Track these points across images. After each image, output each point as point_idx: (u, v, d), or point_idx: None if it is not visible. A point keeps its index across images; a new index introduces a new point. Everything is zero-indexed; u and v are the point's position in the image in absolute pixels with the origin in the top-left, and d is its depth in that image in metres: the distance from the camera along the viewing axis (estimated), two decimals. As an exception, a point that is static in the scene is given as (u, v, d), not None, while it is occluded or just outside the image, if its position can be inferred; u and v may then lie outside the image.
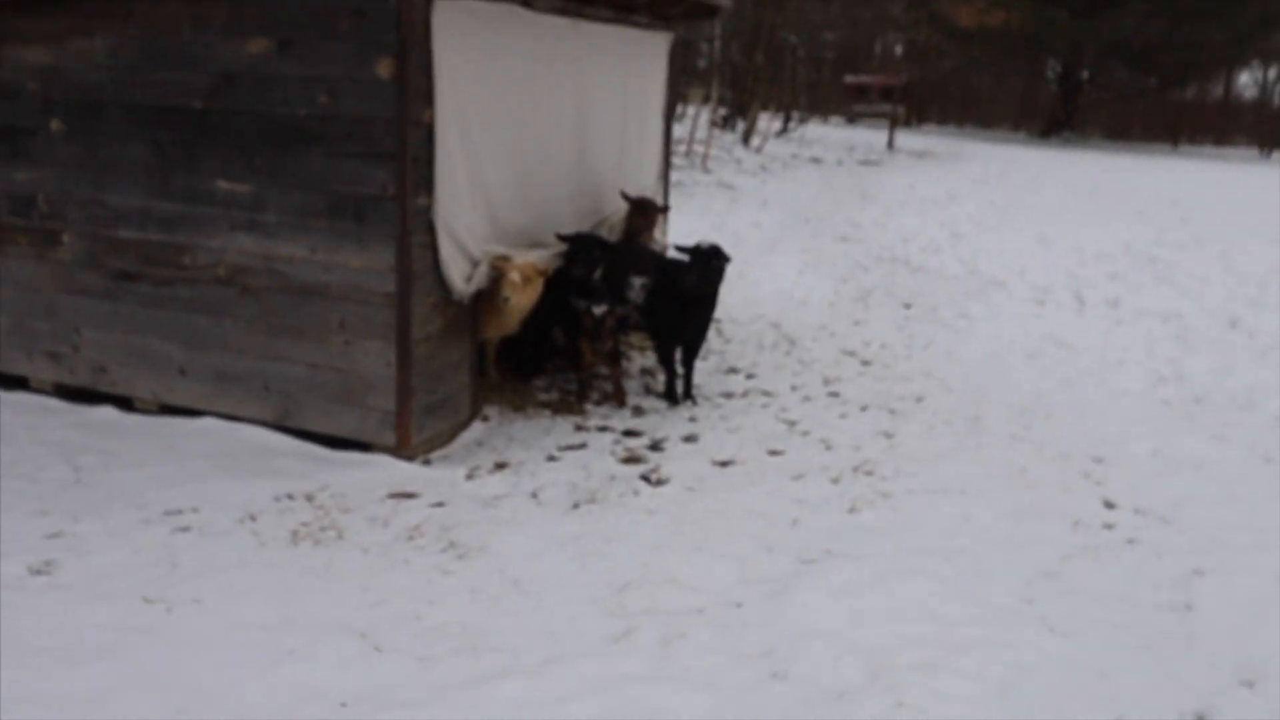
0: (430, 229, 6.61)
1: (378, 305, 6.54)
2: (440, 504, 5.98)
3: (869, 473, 6.81)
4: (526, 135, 7.54)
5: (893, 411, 8.24)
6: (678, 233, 17.97)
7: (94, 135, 7.02)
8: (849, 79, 52.26)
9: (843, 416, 8.07)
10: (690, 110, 36.93)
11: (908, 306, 12.50)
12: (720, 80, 34.95)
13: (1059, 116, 46.71)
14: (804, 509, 6.09)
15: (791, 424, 7.83)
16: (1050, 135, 46.20)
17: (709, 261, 7.64)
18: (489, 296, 7.28)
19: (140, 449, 6.51)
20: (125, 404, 7.29)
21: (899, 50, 58.95)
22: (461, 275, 6.93)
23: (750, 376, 9.07)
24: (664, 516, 5.89)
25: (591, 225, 8.69)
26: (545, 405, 7.83)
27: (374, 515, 5.74)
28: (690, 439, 7.41)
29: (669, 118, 10.03)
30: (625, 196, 8.75)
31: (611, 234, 8.88)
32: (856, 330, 11.07)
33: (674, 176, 24.99)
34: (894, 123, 38.63)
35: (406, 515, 5.77)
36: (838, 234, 18.13)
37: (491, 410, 7.58)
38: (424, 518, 5.75)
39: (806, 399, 8.48)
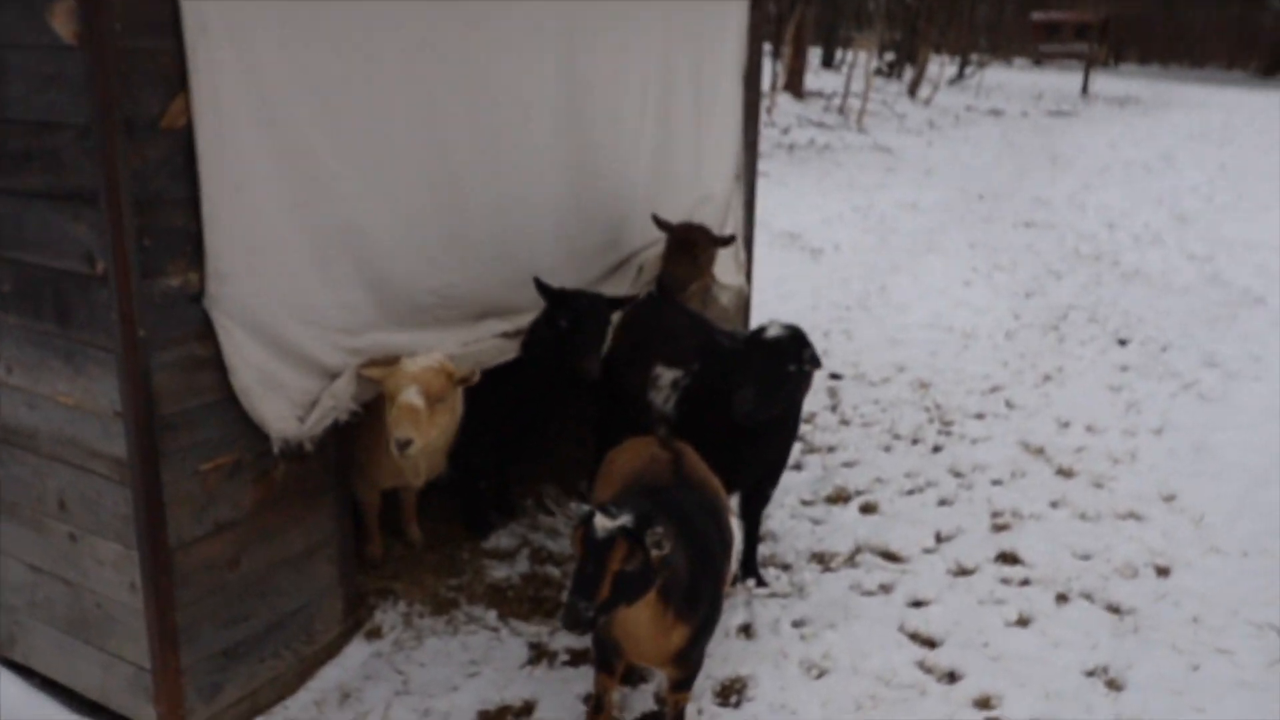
0: (208, 328, 3.42)
1: (103, 477, 3.42)
2: None
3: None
4: (454, 133, 4.25)
5: (1118, 611, 4.61)
6: (810, 219, 14.26)
7: None
8: (1036, 16, 46.38)
9: (1024, 624, 4.49)
10: (847, 57, 32.56)
11: (1123, 344, 8.58)
12: (885, 22, 30.46)
13: (1287, 51, 39.69)
14: None
15: (927, 647, 4.33)
16: (1274, 74, 39.36)
17: (778, 364, 4.18)
18: (373, 427, 4.09)
19: None
20: None
21: (1095, -20, 52.16)
22: (291, 406, 3.73)
23: (867, 511, 5.55)
24: None
25: (602, 274, 5.33)
26: (492, 595, 4.56)
27: None
28: (733, 692, 4.02)
29: (752, 83, 6.47)
30: (659, 223, 5.34)
31: (642, 283, 5.49)
32: (1046, 396, 7.31)
33: (821, 138, 21.05)
34: (1089, 64, 33.18)
35: None
36: (1020, 217, 14.02)
37: (394, 612, 4.37)
38: None
39: (959, 572, 4.92)
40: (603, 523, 2.97)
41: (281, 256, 3.61)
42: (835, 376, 7.64)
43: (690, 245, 5.27)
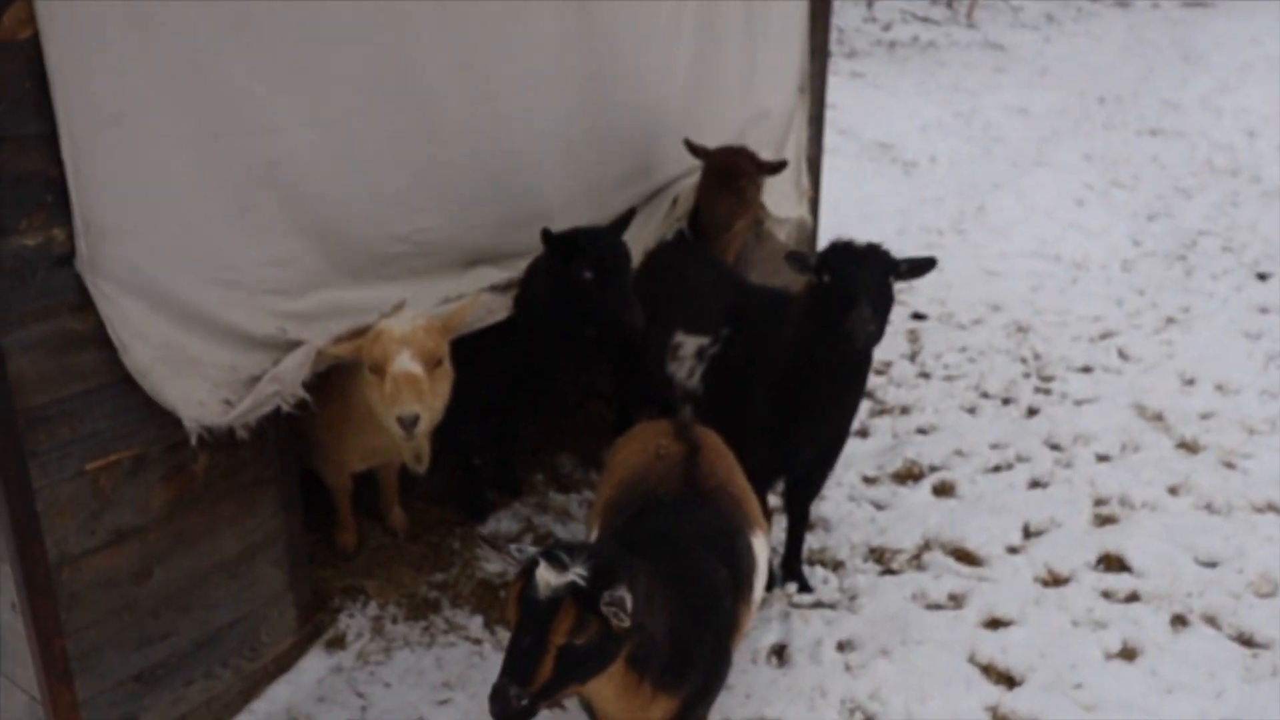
0: (85, 297, 2.73)
1: (-33, 480, 2.78)
2: None
3: None
4: (425, 39, 3.43)
5: (1251, 643, 3.70)
6: (906, 126, 12.87)
7: None
8: (1174, -107, 42.26)
9: (1129, 658, 3.63)
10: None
11: (1263, 278, 7.39)
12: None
13: None
14: None
15: (1003, 686, 3.51)
16: None
17: (881, 275, 3.34)
18: (337, 401, 3.40)
19: None
20: None
21: None
22: (211, 387, 3.03)
23: (942, 493, 4.68)
24: None
25: (621, 209, 4.47)
26: (482, 595, 3.87)
27: None
28: (753, 739, 3.28)
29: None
30: (693, 149, 4.44)
31: (674, 219, 4.62)
32: (1168, 345, 6.24)
33: (925, 34, 19.39)
34: (1233, -52, 30.03)
35: None
36: (1145, 123, 12.53)
37: (362, 615, 3.72)
38: None
39: (1049, 581, 4.05)
40: (546, 578, 2.20)
41: (183, 204, 2.86)
42: (918, 317, 6.68)
43: (732, 174, 4.36)
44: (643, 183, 4.52)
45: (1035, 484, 4.75)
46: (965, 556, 4.18)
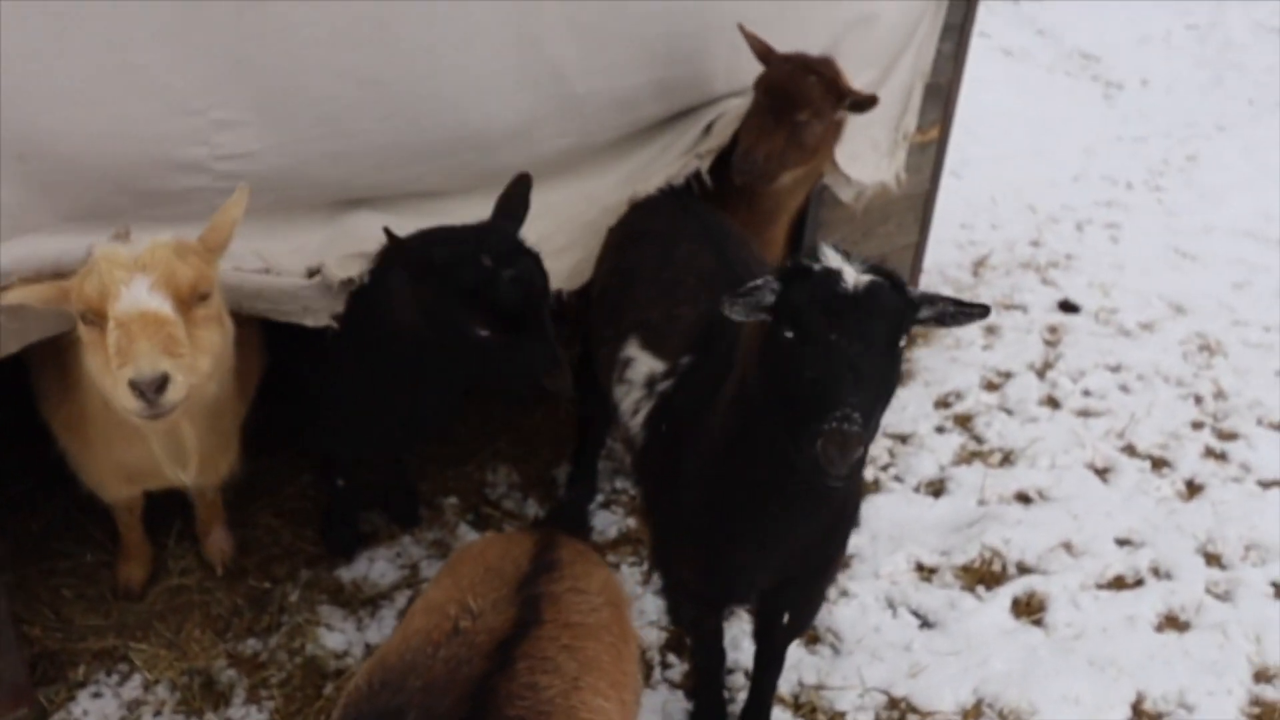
0: None
1: None
2: None
3: None
4: None
5: None
6: (1121, 36, 10.24)
7: None
8: None
9: None
10: None
11: None
12: None
13: None
14: None
15: None
16: None
17: (824, 380, 1.83)
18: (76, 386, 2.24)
19: None
20: None
21: None
22: None
23: (1025, 612, 3.22)
24: None
25: (619, 140, 3.04)
26: (304, 686, 2.70)
27: None
28: None
29: None
30: (753, 43, 2.95)
31: (697, 155, 3.14)
32: None
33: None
34: None
35: None
36: None
37: (113, 698, 2.63)
38: None
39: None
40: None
41: None
42: (1067, 308, 5.02)
43: (789, 98, 2.86)
44: (656, 101, 3.05)
45: (1171, 622, 3.23)
46: (1028, 751, 2.76)
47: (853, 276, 1.89)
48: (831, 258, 1.92)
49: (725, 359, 2.32)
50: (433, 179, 2.71)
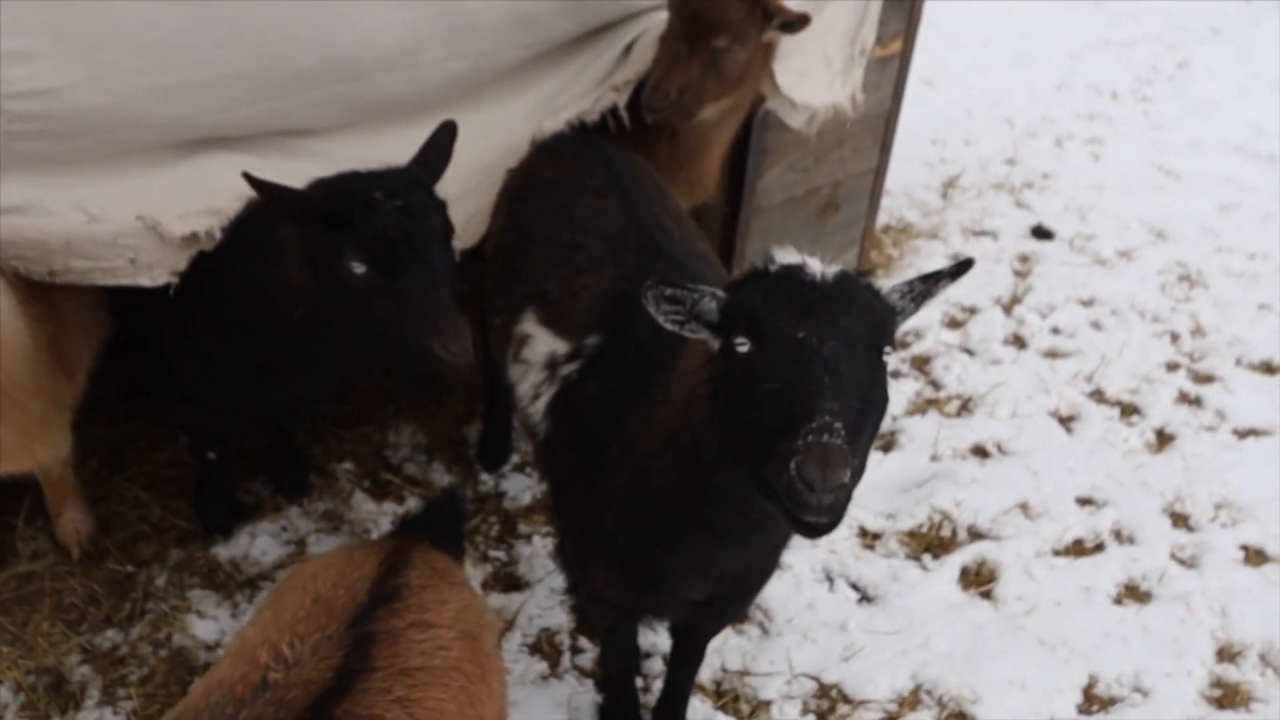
0: None
1: None
2: None
3: None
4: None
5: None
6: None
7: None
8: None
9: None
10: None
11: None
12: None
13: None
14: None
15: None
16: None
17: (801, 399, 1.47)
18: None
19: None
20: None
21: None
22: None
23: (974, 584, 2.96)
24: None
25: (519, 62, 2.64)
26: (170, 675, 2.43)
27: None
28: None
29: None
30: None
31: (609, 89, 2.75)
32: None
33: None
34: None
35: None
36: None
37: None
38: None
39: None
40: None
41: None
42: (1040, 234, 4.68)
43: (704, 21, 2.47)
44: (570, 18, 2.65)
45: (1130, 593, 2.99)
46: (969, 739, 2.53)
47: (818, 266, 1.57)
48: (789, 255, 1.60)
49: (641, 344, 2.00)
50: (299, 115, 2.34)
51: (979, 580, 2.98)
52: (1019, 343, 3.99)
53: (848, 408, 1.47)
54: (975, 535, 3.11)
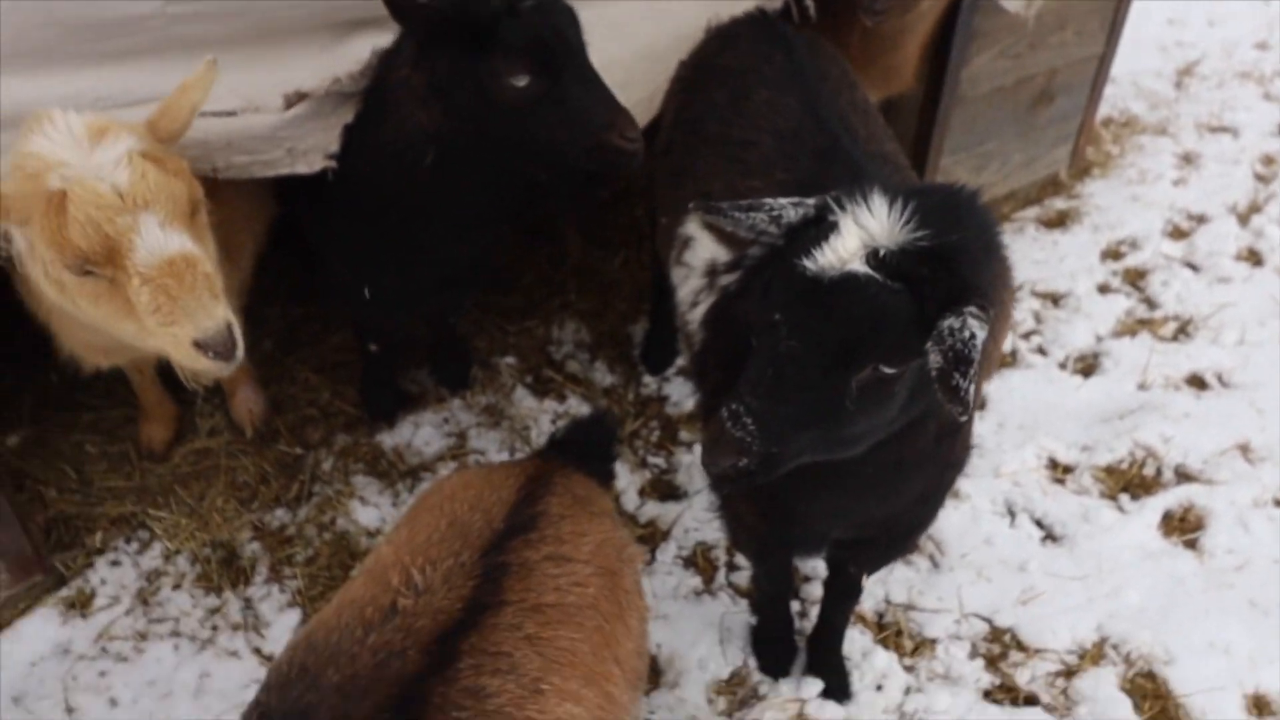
0: None
1: None
2: None
3: None
4: None
5: None
6: None
7: None
8: None
9: None
10: None
11: None
12: None
13: None
14: None
15: None
16: None
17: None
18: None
19: None
20: None
21: None
22: None
23: (1179, 530, 2.66)
24: None
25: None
26: (333, 558, 2.49)
27: None
28: None
29: None
30: None
31: None
32: None
33: None
34: None
35: None
36: None
37: (132, 567, 2.48)
38: None
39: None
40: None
41: None
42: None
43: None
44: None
45: None
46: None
47: (833, 258, 1.41)
48: (861, 217, 1.41)
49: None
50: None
51: (1183, 528, 2.68)
52: (1254, 258, 3.52)
53: (771, 411, 1.43)
54: (1183, 477, 2.79)
